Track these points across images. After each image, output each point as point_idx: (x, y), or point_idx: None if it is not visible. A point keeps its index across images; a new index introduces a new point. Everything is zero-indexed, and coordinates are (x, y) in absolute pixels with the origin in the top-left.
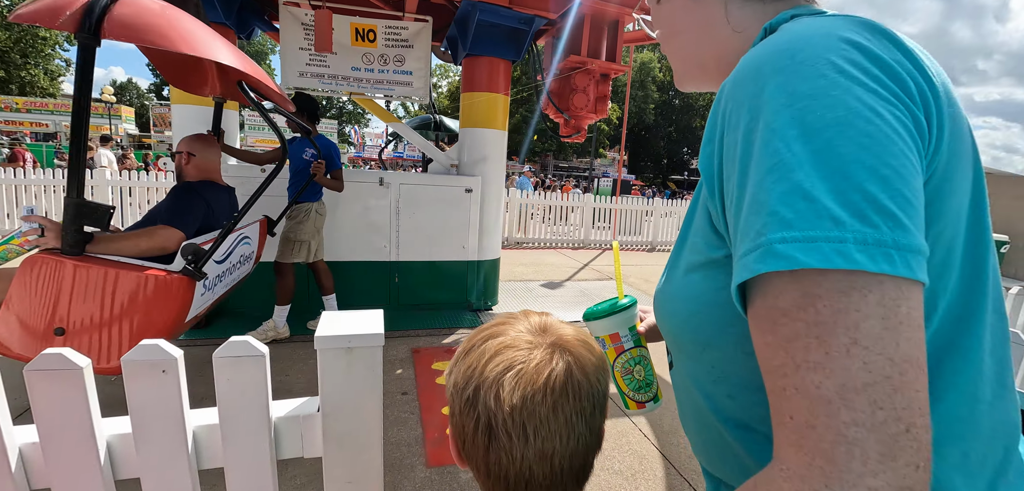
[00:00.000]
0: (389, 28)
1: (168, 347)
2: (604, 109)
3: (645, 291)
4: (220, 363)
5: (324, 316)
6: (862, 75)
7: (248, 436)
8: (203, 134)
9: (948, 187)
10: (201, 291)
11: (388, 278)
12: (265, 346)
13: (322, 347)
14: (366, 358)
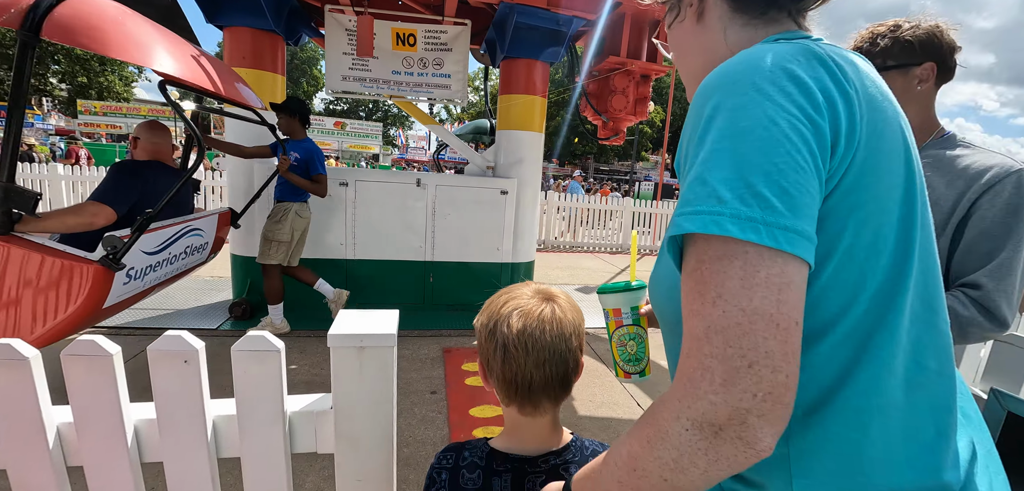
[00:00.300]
0: (429, 32)
1: (190, 339)
2: (644, 111)
3: None
4: (238, 356)
5: (340, 314)
6: (776, 93)
7: (263, 428)
8: (153, 121)
9: (867, 179)
10: (123, 280)
11: (423, 278)
12: (280, 342)
13: (335, 345)
14: (378, 358)
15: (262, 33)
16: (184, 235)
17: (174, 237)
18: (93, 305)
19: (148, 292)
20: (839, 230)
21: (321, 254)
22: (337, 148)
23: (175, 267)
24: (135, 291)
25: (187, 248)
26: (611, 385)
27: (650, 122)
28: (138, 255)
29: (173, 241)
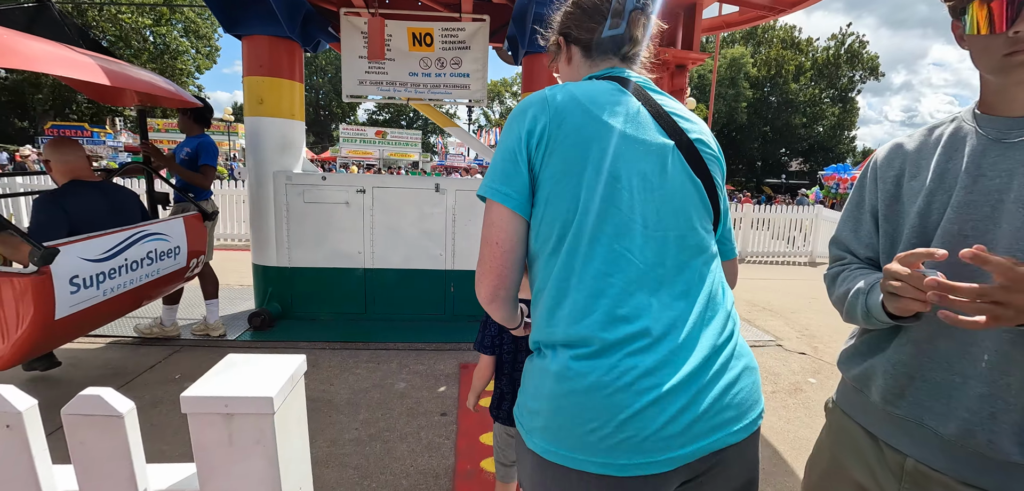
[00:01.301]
0: (446, 30)
1: (15, 398)
2: None
3: None
4: (70, 422)
5: (223, 363)
6: (516, 118)
7: None
8: (59, 139)
9: (550, 176)
10: (70, 289)
11: (443, 287)
12: (128, 403)
13: (192, 411)
14: (253, 429)
15: (278, 41)
16: (138, 241)
17: (123, 244)
18: (43, 315)
19: (125, 299)
20: (544, 189)
21: (338, 263)
22: (378, 156)
23: (145, 272)
24: (94, 299)
25: (151, 253)
26: None
27: None
28: (80, 263)
29: (123, 247)
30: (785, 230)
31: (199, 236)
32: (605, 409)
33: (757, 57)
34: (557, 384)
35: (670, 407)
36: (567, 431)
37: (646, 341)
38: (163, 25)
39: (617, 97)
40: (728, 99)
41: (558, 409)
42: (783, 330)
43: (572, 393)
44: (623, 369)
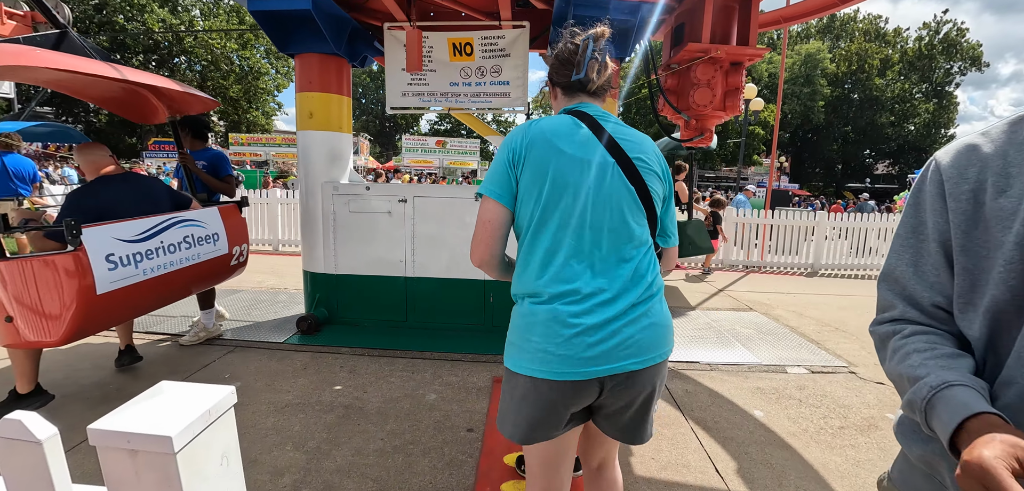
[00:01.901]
0: (486, 38)
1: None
2: (736, 105)
3: (793, 325)
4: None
5: (144, 394)
6: (506, 143)
7: None
8: (86, 143)
9: (524, 183)
10: (108, 266)
11: (482, 297)
12: (50, 429)
13: (100, 444)
14: (158, 468)
15: (327, 57)
16: (174, 225)
17: (158, 227)
18: (85, 291)
19: (170, 280)
20: (521, 192)
21: (380, 271)
22: (438, 165)
23: (183, 255)
24: (135, 278)
25: (188, 237)
26: (683, 443)
27: (763, 122)
28: (115, 243)
29: (159, 230)
30: (864, 240)
31: (238, 226)
32: (548, 336)
33: (836, 52)
34: (522, 320)
35: (589, 339)
36: (527, 352)
37: (577, 297)
38: (247, 49)
39: (572, 129)
40: (803, 98)
41: (522, 337)
42: (858, 355)
43: (530, 326)
44: (559, 312)
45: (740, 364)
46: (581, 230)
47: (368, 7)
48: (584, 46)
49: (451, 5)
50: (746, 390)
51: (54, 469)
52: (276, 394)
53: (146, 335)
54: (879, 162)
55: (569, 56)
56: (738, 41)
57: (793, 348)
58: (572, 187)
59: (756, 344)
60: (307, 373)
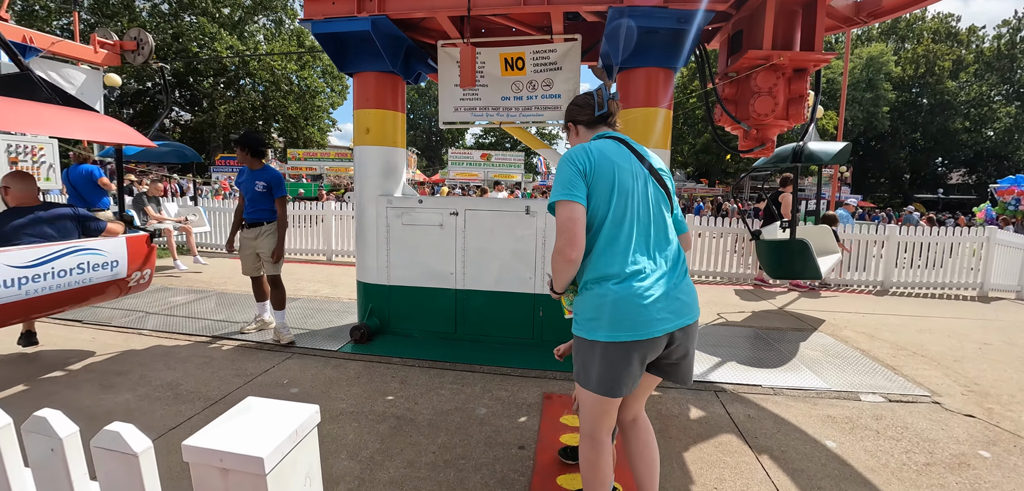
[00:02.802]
0: (537, 52)
1: (59, 425)
2: (800, 113)
3: (864, 347)
4: (98, 455)
5: (231, 412)
6: (572, 161)
7: None
8: (17, 172)
9: (595, 191)
10: None
11: (532, 311)
12: (145, 442)
13: (193, 461)
14: (249, 487)
15: (383, 75)
16: (70, 254)
17: (51, 256)
18: None
19: (54, 297)
20: (592, 197)
21: (431, 283)
22: (483, 178)
23: (74, 279)
24: (15, 297)
25: (82, 264)
26: (748, 473)
27: (822, 129)
28: (5, 269)
29: (52, 259)
30: (941, 256)
31: (141, 254)
32: (629, 307)
33: (901, 54)
34: (601, 299)
35: (658, 305)
36: (614, 323)
37: (644, 275)
38: (305, 70)
39: (617, 148)
40: (865, 104)
41: (607, 313)
42: (942, 383)
43: (616, 301)
44: (634, 288)
45: (807, 389)
46: (639, 225)
47: (423, 26)
48: (599, 91)
49: (503, 21)
50: (815, 417)
51: (147, 479)
52: (331, 401)
53: (215, 339)
54: (953, 171)
55: (586, 101)
56: (802, 46)
57: (866, 373)
58: (629, 192)
59: (824, 367)
60: (360, 382)
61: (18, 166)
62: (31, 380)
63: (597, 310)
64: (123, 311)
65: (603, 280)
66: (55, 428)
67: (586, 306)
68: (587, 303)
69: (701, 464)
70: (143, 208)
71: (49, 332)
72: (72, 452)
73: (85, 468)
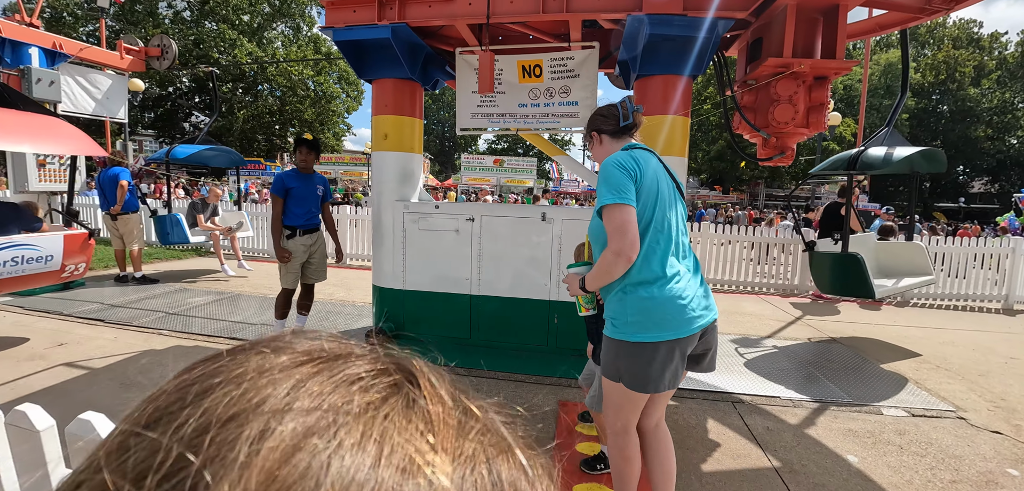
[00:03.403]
0: (555, 60)
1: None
2: (821, 121)
3: (885, 359)
4: None
5: None
6: (619, 165)
7: None
8: None
9: (641, 198)
10: None
11: (547, 318)
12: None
13: None
14: None
15: (402, 82)
16: (5, 249)
17: None
18: None
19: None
20: (638, 204)
21: (447, 288)
22: (495, 183)
23: (6, 271)
24: None
25: (16, 257)
26: (767, 486)
27: (838, 137)
28: None
29: None
30: (964, 266)
31: (78, 249)
32: (672, 307)
33: (921, 60)
34: (645, 303)
35: (692, 305)
36: (661, 323)
37: (679, 277)
38: (322, 75)
39: (650, 156)
40: (883, 111)
41: (653, 316)
42: (966, 398)
43: (662, 303)
44: (675, 290)
45: (827, 401)
46: (673, 231)
47: (441, 34)
48: (624, 103)
49: (521, 29)
50: (836, 431)
51: None
52: None
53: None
54: (975, 179)
55: (610, 112)
56: (823, 54)
57: (888, 386)
58: (665, 200)
59: (844, 380)
60: None
61: (46, 167)
62: (53, 376)
63: (644, 313)
64: (144, 311)
65: (648, 284)
66: (99, 430)
67: (630, 310)
68: (632, 307)
69: (719, 477)
70: (195, 214)
71: (75, 331)
72: None
73: None
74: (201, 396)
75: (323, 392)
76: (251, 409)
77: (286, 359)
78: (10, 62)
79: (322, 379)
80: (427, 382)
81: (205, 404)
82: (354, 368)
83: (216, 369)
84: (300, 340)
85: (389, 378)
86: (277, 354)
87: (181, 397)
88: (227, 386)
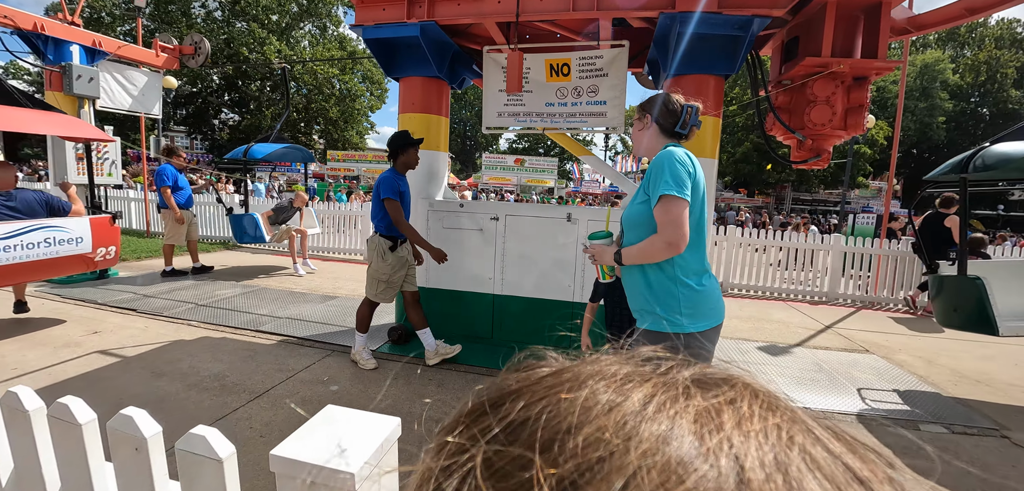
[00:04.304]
0: (583, 59)
1: (143, 423)
2: (859, 123)
3: (921, 373)
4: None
5: (313, 422)
6: (682, 162)
7: None
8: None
9: (693, 196)
10: None
11: (571, 319)
12: (229, 448)
13: (280, 471)
14: None
15: (429, 80)
16: (38, 230)
17: (23, 230)
18: None
19: (29, 264)
20: (693, 199)
21: (470, 287)
22: (516, 183)
23: (42, 250)
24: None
25: (48, 239)
26: None
27: (870, 140)
28: None
29: (24, 233)
30: None
31: (106, 233)
32: (713, 297)
33: (960, 61)
34: (697, 294)
35: (720, 301)
36: (711, 311)
37: (712, 273)
38: (347, 74)
39: (695, 159)
40: (919, 114)
41: (705, 305)
42: (1009, 416)
43: (710, 293)
44: (714, 282)
45: (859, 414)
46: (706, 232)
47: (470, 32)
48: (690, 112)
49: (549, 27)
50: (870, 446)
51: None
52: (369, 401)
53: (258, 333)
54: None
55: (676, 109)
56: (864, 53)
57: (925, 401)
58: (702, 201)
59: (878, 392)
60: (397, 383)
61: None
62: (88, 364)
63: (695, 305)
64: (175, 302)
65: (697, 276)
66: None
67: (683, 303)
68: (684, 300)
69: None
70: (282, 215)
71: (108, 319)
72: (155, 452)
73: (166, 467)
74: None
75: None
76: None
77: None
78: (53, 59)
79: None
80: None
81: None
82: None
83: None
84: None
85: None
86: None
87: None
88: None
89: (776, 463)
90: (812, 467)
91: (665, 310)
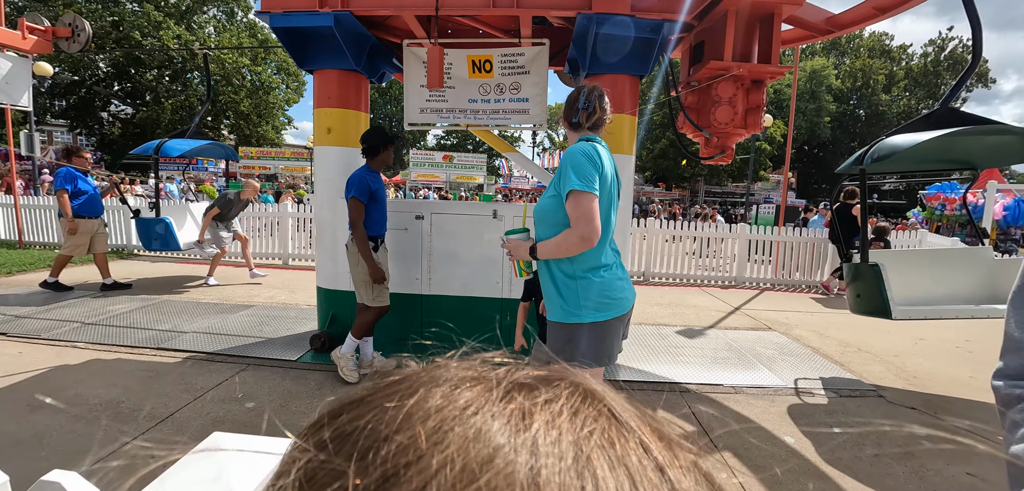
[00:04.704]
0: (505, 56)
1: None
2: (757, 122)
3: (815, 345)
4: None
5: (210, 439)
6: (588, 156)
7: None
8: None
9: (602, 190)
10: None
11: (501, 316)
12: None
13: None
14: None
15: (346, 74)
16: None
17: None
18: None
19: None
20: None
21: (396, 288)
22: (445, 179)
23: None
24: None
25: None
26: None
27: (769, 137)
28: None
29: None
30: None
31: None
32: (614, 290)
33: (841, 68)
34: (591, 287)
35: (625, 287)
36: (604, 305)
37: (615, 265)
38: (259, 64)
39: (606, 152)
40: (809, 114)
41: (599, 298)
42: (885, 376)
43: (607, 286)
44: (615, 274)
45: (765, 387)
46: (611, 225)
47: (388, 24)
48: (583, 97)
49: (471, 23)
50: (774, 415)
51: None
52: (292, 416)
53: (160, 350)
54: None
55: (573, 100)
56: (759, 59)
57: (818, 370)
58: (610, 195)
59: (780, 366)
60: (322, 393)
61: None
62: None
63: (600, 295)
64: (56, 322)
65: (597, 269)
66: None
67: (588, 293)
68: (587, 291)
69: None
70: (231, 211)
71: None
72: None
73: None
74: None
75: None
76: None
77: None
78: None
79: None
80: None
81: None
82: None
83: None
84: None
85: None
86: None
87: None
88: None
89: (573, 455)
90: (609, 457)
91: (567, 302)
